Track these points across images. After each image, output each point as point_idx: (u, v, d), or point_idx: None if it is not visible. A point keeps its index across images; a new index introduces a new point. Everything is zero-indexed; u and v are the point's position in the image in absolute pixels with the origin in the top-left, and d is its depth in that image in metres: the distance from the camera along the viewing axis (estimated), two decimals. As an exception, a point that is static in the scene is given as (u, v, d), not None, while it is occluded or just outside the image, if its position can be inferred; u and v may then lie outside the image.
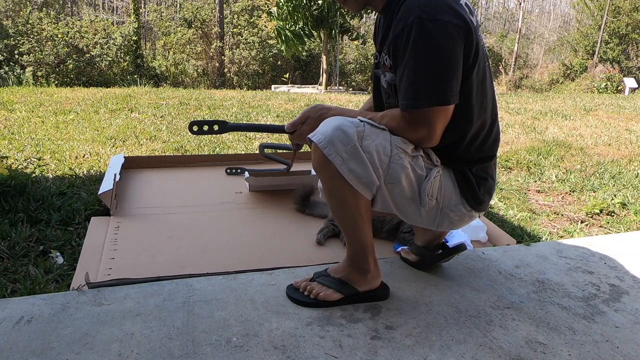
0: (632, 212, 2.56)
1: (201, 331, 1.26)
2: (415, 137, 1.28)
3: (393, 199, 1.31)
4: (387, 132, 1.28)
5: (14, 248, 1.77)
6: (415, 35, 1.18)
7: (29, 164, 2.91)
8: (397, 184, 1.28)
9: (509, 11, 32.05)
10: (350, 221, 1.34)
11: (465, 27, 1.21)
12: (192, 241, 1.86)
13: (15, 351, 1.15)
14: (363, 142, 1.24)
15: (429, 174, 1.31)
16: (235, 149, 3.56)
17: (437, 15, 1.18)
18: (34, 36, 12.98)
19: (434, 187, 1.32)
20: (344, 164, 1.23)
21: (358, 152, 1.23)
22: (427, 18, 1.17)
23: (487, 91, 1.34)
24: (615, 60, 17.93)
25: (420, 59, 1.20)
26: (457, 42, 1.20)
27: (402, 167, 1.27)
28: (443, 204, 1.36)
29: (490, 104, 1.36)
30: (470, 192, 1.37)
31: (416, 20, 1.18)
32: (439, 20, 1.18)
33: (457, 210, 1.38)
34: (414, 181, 1.30)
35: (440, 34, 1.18)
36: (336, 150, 1.23)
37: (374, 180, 1.26)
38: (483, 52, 1.30)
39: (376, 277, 1.42)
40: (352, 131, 1.23)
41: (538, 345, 1.27)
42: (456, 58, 1.21)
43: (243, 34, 16.96)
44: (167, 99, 6.18)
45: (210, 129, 1.47)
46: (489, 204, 1.46)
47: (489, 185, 1.41)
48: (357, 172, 1.24)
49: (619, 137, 4.72)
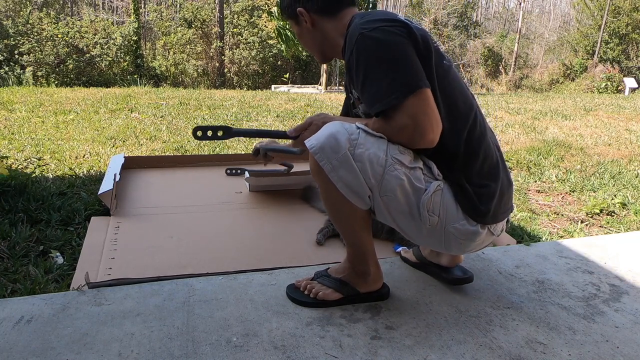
0: (632, 212, 2.55)
1: (201, 331, 1.26)
2: (404, 137, 1.21)
3: (390, 213, 1.26)
4: (384, 140, 1.23)
5: (14, 248, 1.77)
6: (361, 49, 1.21)
7: (29, 164, 2.91)
8: (393, 197, 1.23)
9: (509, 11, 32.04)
10: (346, 227, 1.34)
11: (406, 28, 1.21)
12: (192, 241, 1.86)
13: (15, 351, 1.15)
14: (356, 150, 1.20)
15: (429, 187, 1.24)
16: (235, 149, 3.57)
17: (375, 25, 1.21)
18: (34, 36, 13.00)
19: (434, 201, 1.24)
20: (334, 171, 1.22)
21: (348, 160, 1.20)
22: (367, 30, 1.20)
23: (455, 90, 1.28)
24: (615, 60, 17.93)
25: (371, 64, 1.20)
26: (403, 40, 1.20)
27: (396, 179, 1.21)
28: (446, 222, 1.26)
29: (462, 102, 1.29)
30: (468, 203, 1.27)
31: (359, 37, 1.21)
32: (378, 27, 1.20)
33: (462, 227, 1.27)
34: (411, 194, 1.23)
35: (381, 35, 1.20)
36: (327, 157, 1.21)
37: (365, 190, 1.23)
38: (439, 54, 1.27)
39: (377, 280, 1.42)
40: (344, 138, 1.21)
41: (538, 345, 1.27)
42: (406, 51, 1.20)
43: (243, 34, 16.97)
44: (167, 99, 6.19)
45: (214, 135, 1.48)
46: (499, 216, 1.32)
47: (490, 191, 1.28)
48: (347, 180, 1.22)
49: (619, 137, 4.72)
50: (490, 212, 1.28)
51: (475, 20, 25.06)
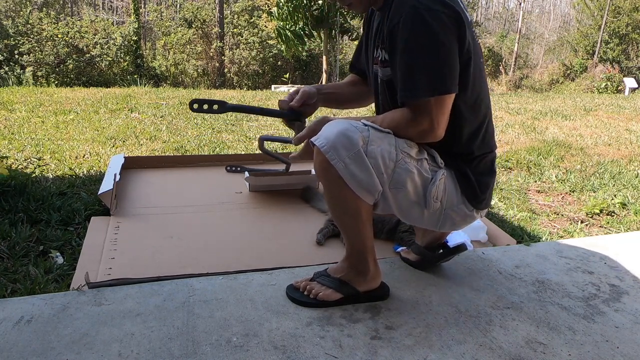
0: (632, 212, 2.55)
1: (201, 331, 1.26)
2: (417, 130, 1.26)
3: (397, 203, 1.31)
4: (392, 135, 1.27)
5: (14, 248, 1.77)
6: (410, 25, 1.19)
7: (29, 164, 2.91)
8: (402, 189, 1.28)
9: (509, 11, 32.05)
10: (350, 225, 1.34)
11: (457, 18, 1.21)
12: (192, 241, 1.86)
13: (15, 351, 1.15)
14: (368, 147, 1.23)
15: (434, 176, 1.32)
16: (236, 149, 3.56)
17: (430, 5, 1.19)
18: (34, 36, 13.00)
19: (439, 189, 1.33)
20: (347, 169, 1.22)
21: (362, 157, 1.22)
22: (421, 7, 1.19)
23: (483, 85, 1.35)
24: (615, 60, 17.92)
25: (416, 49, 1.20)
26: (451, 32, 1.21)
27: (407, 172, 1.27)
28: (446, 205, 1.36)
29: (486, 98, 1.37)
30: (470, 191, 1.38)
31: (410, 11, 1.19)
32: (432, 9, 1.19)
33: (459, 211, 1.38)
34: (420, 185, 1.30)
35: (435, 23, 1.18)
36: (339, 156, 1.22)
37: (377, 186, 1.26)
38: (477, 46, 1.31)
39: (376, 278, 1.42)
40: (357, 137, 1.22)
41: (538, 345, 1.27)
42: (452, 47, 1.21)
43: (243, 34, 16.97)
44: (167, 99, 6.19)
45: (210, 108, 1.48)
46: (489, 203, 1.46)
47: (488, 182, 1.42)
48: (359, 178, 1.23)
49: (619, 137, 4.72)
50: (486, 199, 1.42)
51: (475, 20, 25.06)
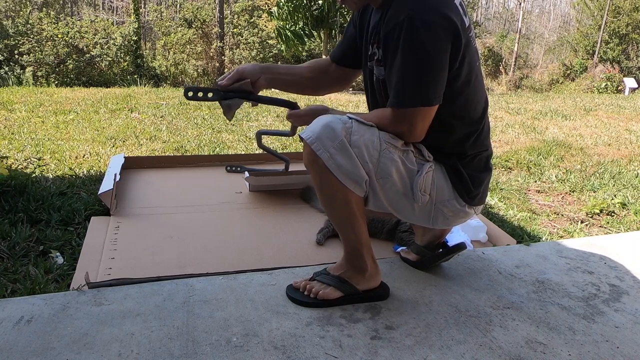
0: (632, 212, 2.56)
1: (201, 331, 1.26)
2: (395, 131, 1.31)
3: (385, 194, 1.33)
4: (375, 128, 1.31)
5: (14, 248, 1.77)
6: (405, 34, 1.21)
7: (29, 164, 2.91)
8: (388, 178, 1.31)
9: (509, 11, 32.05)
10: (342, 218, 1.36)
11: (454, 29, 1.23)
12: (192, 241, 1.86)
13: (15, 351, 1.15)
14: (351, 137, 1.26)
15: (421, 168, 1.34)
16: (236, 149, 3.57)
17: (426, 15, 1.21)
18: (34, 36, 12.98)
19: (427, 182, 1.34)
20: (332, 158, 1.26)
21: (345, 147, 1.26)
22: (416, 17, 1.20)
23: (478, 91, 1.37)
24: (615, 60, 17.93)
25: (408, 59, 1.23)
26: (444, 44, 1.22)
27: (392, 161, 1.29)
28: (437, 200, 1.38)
29: (479, 104, 1.39)
30: (463, 187, 1.39)
31: (406, 19, 1.20)
32: (427, 20, 1.20)
33: (451, 206, 1.40)
34: (405, 175, 1.33)
35: (428, 37, 1.20)
36: (324, 146, 1.26)
37: (362, 175, 1.28)
38: (473, 50, 1.32)
39: (375, 276, 1.43)
40: (340, 127, 1.26)
41: (538, 345, 1.27)
42: (442, 60, 1.24)
43: (243, 34, 16.97)
44: (167, 99, 6.19)
45: (205, 96, 1.49)
46: (484, 199, 1.47)
47: (482, 178, 1.43)
48: (344, 167, 1.26)
49: (619, 137, 4.72)
50: (479, 195, 1.43)
51: (475, 20, 25.06)
